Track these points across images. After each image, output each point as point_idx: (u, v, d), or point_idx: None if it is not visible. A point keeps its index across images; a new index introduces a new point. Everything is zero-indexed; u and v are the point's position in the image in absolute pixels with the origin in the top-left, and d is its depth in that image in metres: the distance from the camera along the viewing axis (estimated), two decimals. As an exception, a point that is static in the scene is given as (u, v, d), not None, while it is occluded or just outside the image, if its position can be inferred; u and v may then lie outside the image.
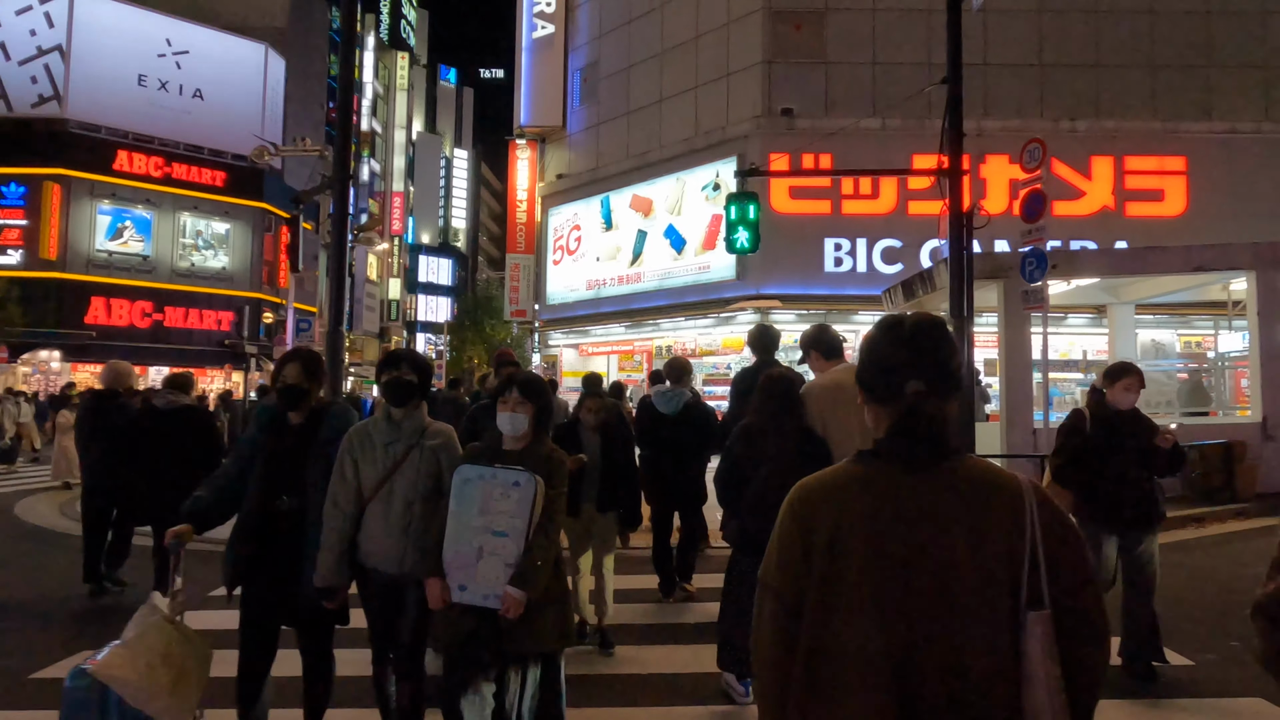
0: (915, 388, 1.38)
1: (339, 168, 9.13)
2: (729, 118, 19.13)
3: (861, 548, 1.34)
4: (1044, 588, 1.32)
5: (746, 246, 9.32)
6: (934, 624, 1.30)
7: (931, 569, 1.32)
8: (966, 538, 1.32)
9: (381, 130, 63.54)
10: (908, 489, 1.36)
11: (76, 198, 37.51)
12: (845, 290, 18.08)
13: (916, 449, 1.38)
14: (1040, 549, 1.32)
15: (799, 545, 1.40)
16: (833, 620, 1.35)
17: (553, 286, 23.71)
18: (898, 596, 1.32)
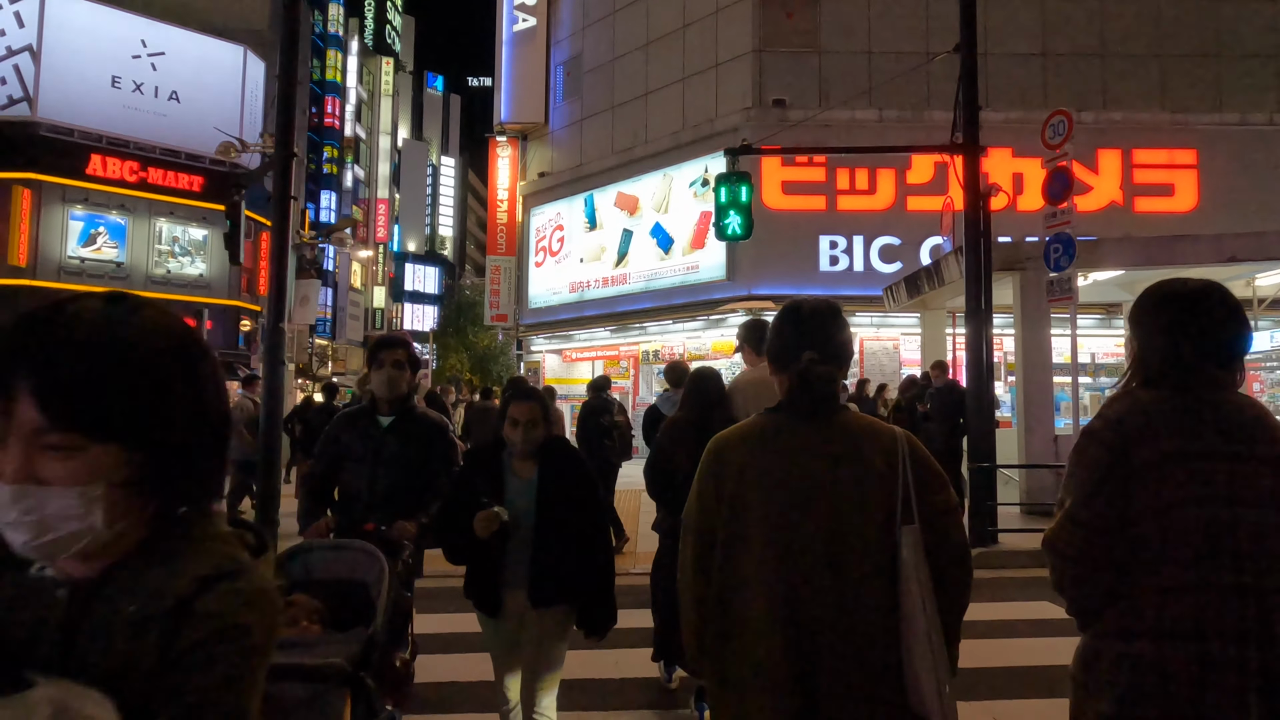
0: (809, 355, 1.72)
1: (280, 145, 8.11)
2: (718, 110, 18.22)
3: (762, 480, 1.67)
4: (914, 510, 1.63)
5: (739, 232, 8.36)
6: (821, 540, 1.61)
7: (820, 495, 1.64)
8: (850, 470, 1.65)
9: (365, 136, 62.53)
10: (802, 434, 1.69)
11: (48, 203, 36.30)
12: (842, 290, 17.11)
13: (810, 402, 1.71)
14: (911, 483, 1.64)
15: (713, 487, 1.72)
16: (738, 546, 1.67)
17: (534, 289, 22.69)
18: (792, 518, 1.63)
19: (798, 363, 1.72)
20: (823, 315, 1.79)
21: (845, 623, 1.59)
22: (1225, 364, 1.62)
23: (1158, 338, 1.65)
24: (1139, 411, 1.60)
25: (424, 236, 76.12)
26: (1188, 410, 1.58)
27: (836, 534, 1.61)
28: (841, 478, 1.64)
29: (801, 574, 1.61)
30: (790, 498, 1.64)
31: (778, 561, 1.62)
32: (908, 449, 1.66)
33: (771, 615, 1.61)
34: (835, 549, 1.61)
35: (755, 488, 1.67)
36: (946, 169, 17.47)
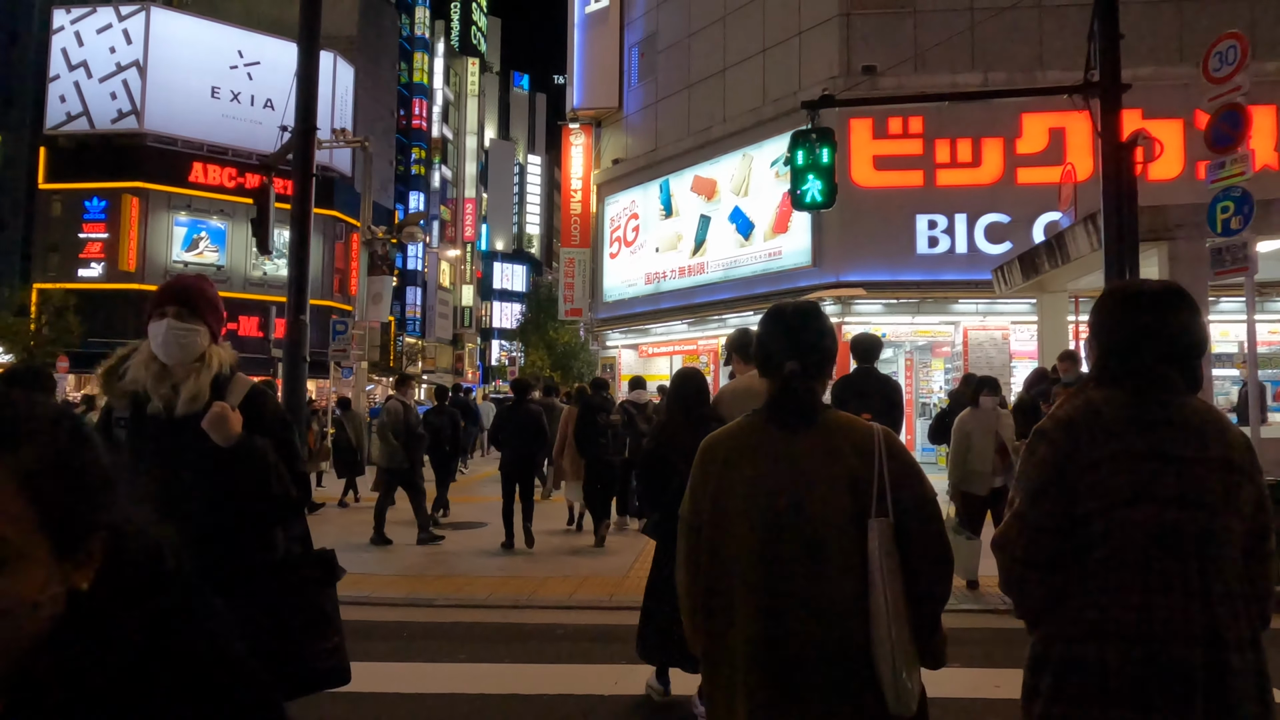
0: (791, 367, 1.76)
1: (300, 119, 7.34)
2: (802, 81, 16.75)
3: (742, 477, 1.74)
4: (888, 505, 1.65)
5: (819, 199, 7.07)
6: (796, 535, 1.67)
7: (796, 492, 1.69)
8: (825, 467, 1.69)
9: (453, 137, 63.35)
10: (782, 442, 1.75)
11: (154, 210, 37.96)
12: (941, 275, 15.44)
13: (789, 416, 1.77)
14: (886, 478, 1.66)
15: (701, 480, 1.82)
16: (719, 540, 1.75)
17: (609, 281, 21.75)
18: (768, 515, 1.69)
19: (781, 371, 1.77)
20: (804, 320, 1.84)
21: (820, 614, 1.64)
22: (1183, 367, 1.62)
23: (1118, 338, 1.65)
24: (1090, 411, 1.60)
25: (511, 235, 76.78)
26: (1140, 411, 1.58)
27: (811, 530, 1.66)
28: (817, 475, 1.69)
29: (777, 567, 1.66)
30: (768, 495, 1.70)
31: (755, 555, 1.68)
32: (884, 445, 1.70)
33: (750, 607, 1.68)
34: (810, 544, 1.66)
35: (737, 484, 1.74)
36: (1062, 136, 15.54)
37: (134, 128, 37.85)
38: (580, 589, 6.30)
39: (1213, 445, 1.54)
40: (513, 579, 6.68)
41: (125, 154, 37.48)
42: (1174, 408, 1.58)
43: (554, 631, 5.31)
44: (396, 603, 6.01)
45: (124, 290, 36.43)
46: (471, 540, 8.61)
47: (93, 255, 37.16)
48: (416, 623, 5.52)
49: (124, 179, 37.10)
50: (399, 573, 6.97)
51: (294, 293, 7.15)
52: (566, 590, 6.28)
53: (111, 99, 38.18)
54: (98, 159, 37.34)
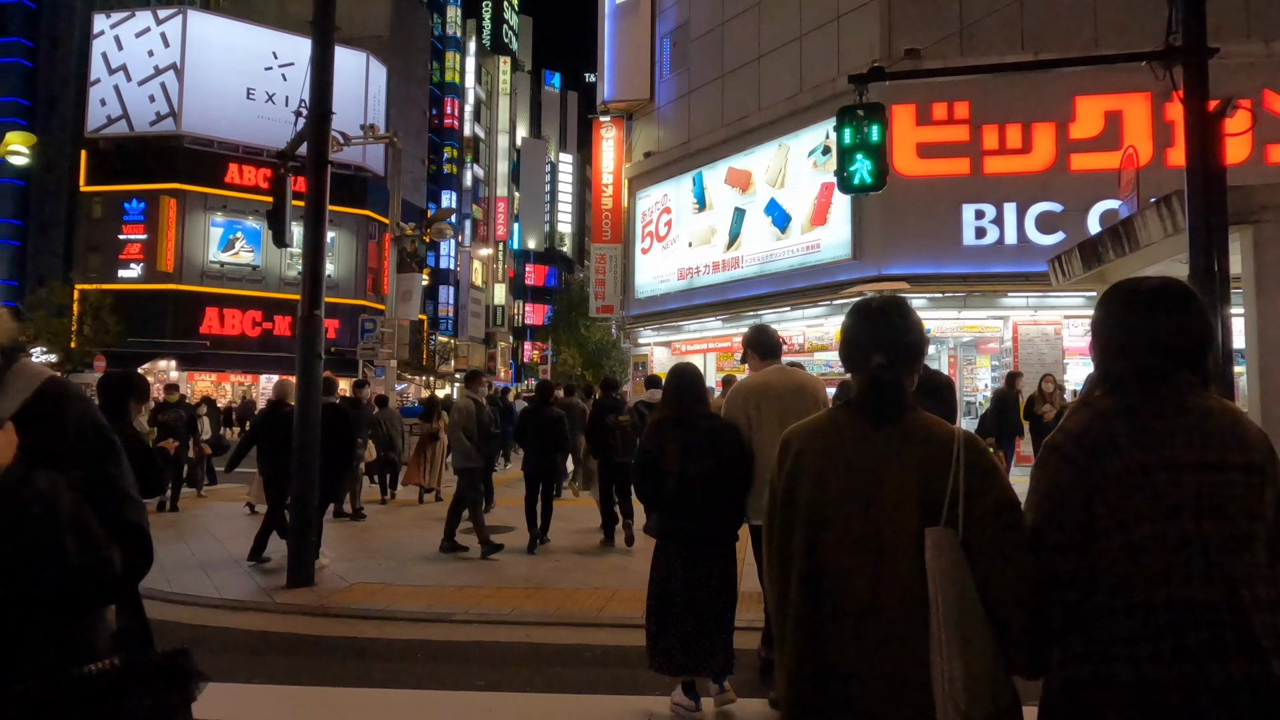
0: (877, 361, 1.71)
1: (316, 104, 6.96)
2: (840, 67, 16.08)
3: (816, 474, 1.69)
4: (958, 515, 1.57)
5: (868, 181, 6.52)
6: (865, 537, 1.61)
7: (868, 492, 1.63)
8: (897, 473, 1.62)
9: (485, 135, 63.38)
10: (863, 433, 1.68)
11: (191, 211, 38.36)
12: (990, 267, 14.70)
13: (875, 410, 1.70)
14: (963, 481, 1.58)
15: (781, 478, 1.77)
16: (791, 535, 1.71)
17: (641, 278, 21.26)
18: (838, 513, 1.64)
19: (866, 365, 1.73)
20: (891, 314, 1.79)
21: (882, 615, 1.58)
22: (1195, 366, 1.56)
23: (1121, 341, 1.59)
24: (1102, 423, 1.54)
25: (543, 233, 76.71)
26: (1155, 419, 1.51)
27: (881, 532, 1.61)
28: (888, 475, 1.63)
29: (844, 568, 1.62)
30: (833, 491, 1.67)
31: (824, 551, 1.65)
32: (964, 449, 1.62)
33: (814, 606, 1.64)
34: (879, 546, 1.60)
35: (809, 480, 1.71)
36: (1119, 119, 14.70)
37: (172, 130, 38.29)
38: (610, 603, 5.83)
39: (1231, 449, 1.48)
40: (538, 591, 6.23)
41: (163, 156, 37.93)
42: (1188, 412, 1.51)
43: (581, 654, 4.84)
44: (413, 617, 5.59)
45: (162, 291, 36.89)
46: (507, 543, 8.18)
47: (132, 256, 37.65)
48: (433, 642, 5.09)
49: (162, 180, 37.53)
50: (416, 582, 6.56)
51: (309, 285, 6.76)
52: (596, 604, 5.81)
53: (150, 101, 38.66)
54: (136, 161, 37.84)
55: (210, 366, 37.06)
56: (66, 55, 43.43)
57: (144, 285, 37.11)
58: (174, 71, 39.03)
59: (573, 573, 6.93)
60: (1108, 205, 14.11)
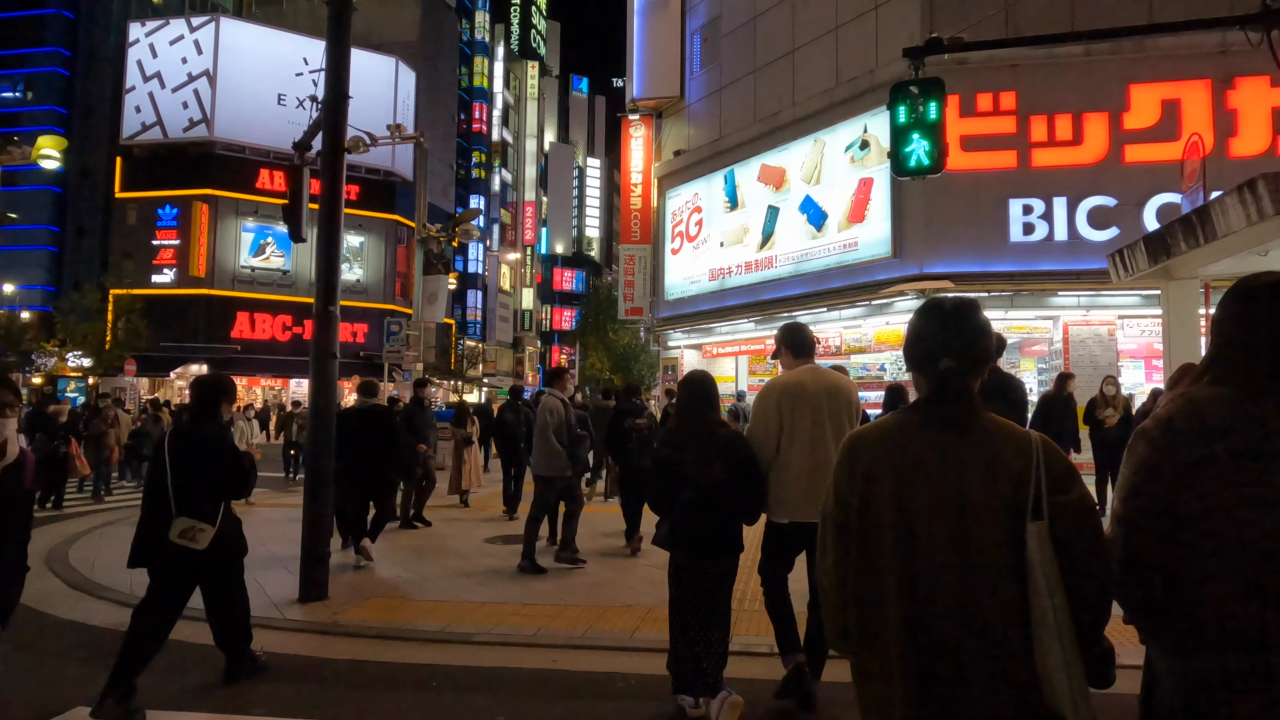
0: (947, 364, 1.69)
1: (332, 84, 6.57)
2: (879, 59, 15.52)
3: (893, 477, 1.67)
4: (1044, 509, 1.59)
5: (925, 162, 5.97)
6: (949, 538, 1.61)
7: (949, 495, 1.63)
8: (979, 475, 1.62)
9: (513, 140, 63.37)
10: (936, 436, 1.68)
11: (223, 216, 38.60)
12: (1038, 265, 14.01)
13: (946, 415, 1.69)
14: (1043, 484, 1.60)
15: (846, 480, 1.75)
16: (869, 539, 1.69)
17: (671, 278, 20.77)
18: (920, 516, 1.63)
19: (935, 368, 1.70)
20: (964, 316, 1.76)
21: (971, 619, 1.58)
22: None
23: (1237, 334, 1.57)
24: (1193, 410, 1.52)
25: (571, 238, 76.53)
26: (1248, 408, 1.48)
27: (964, 533, 1.60)
28: (971, 479, 1.62)
29: (928, 570, 1.61)
30: (919, 496, 1.64)
31: (905, 557, 1.63)
32: (1042, 450, 1.63)
33: (898, 607, 1.62)
34: (963, 548, 1.60)
35: (886, 484, 1.68)
36: (1177, 108, 13.92)
37: (204, 136, 38.57)
38: (644, 624, 5.33)
39: None
40: (567, 609, 5.75)
41: (195, 162, 38.23)
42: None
43: (614, 684, 4.35)
44: (430, 637, 5.14)
45: (194, 295, 37.16)
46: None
47: (165, 261, 37.95)
48: (450, 668, 4.62)
49: (194, 186, 37.83)
50: (436, 596, 6.12)
51: (322, 279, 6.38)
52: (629, 625, 5.32)
53: (183, 108, 39.00)
54: (170, 167, 38.17)
55: (241, 371, 37.23)
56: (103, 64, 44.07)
57: (177, 290, 37.39)
58: (206, 78, 39.34)
59: (603, 588, 6.45)
60: (1165, 199, 13.37)
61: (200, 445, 4.07)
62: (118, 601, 6.00)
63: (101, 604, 6.10)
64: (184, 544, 3.93)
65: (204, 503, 3.98)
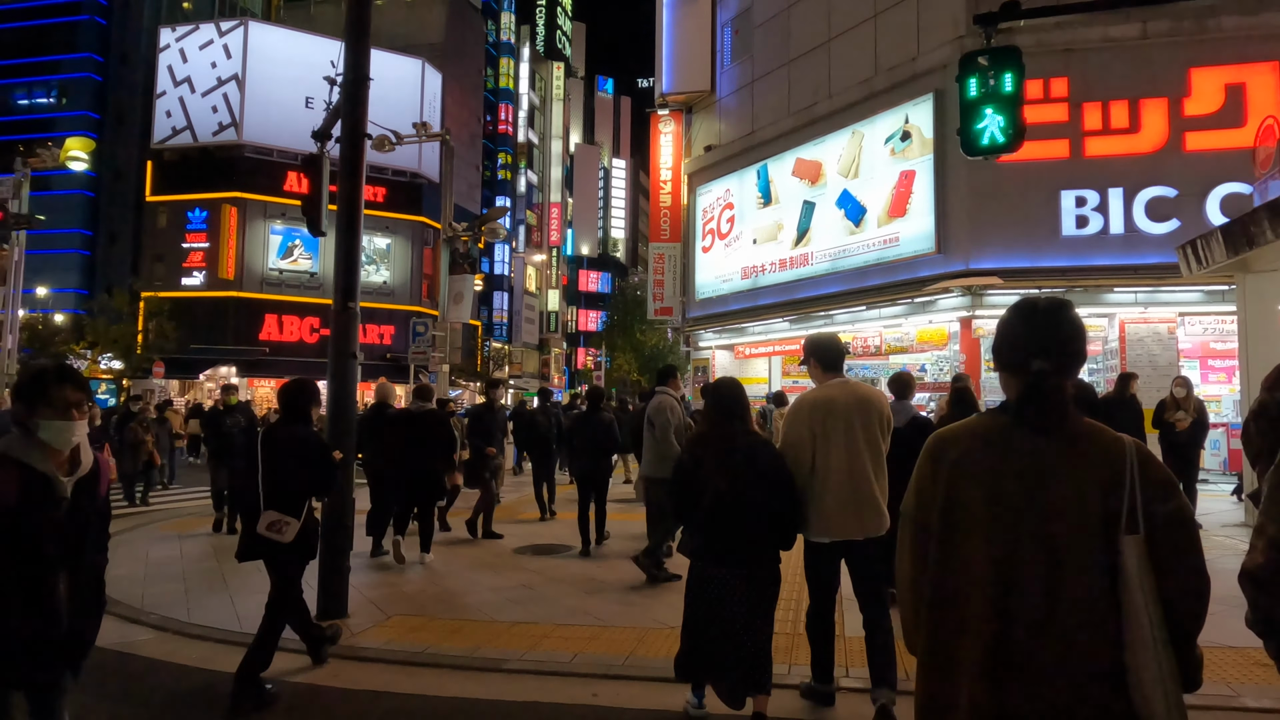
0: (1040, 365, 1.65)
1: (352, 67, 6.15)
2: (920, 45, 14.87)
3: (981, 479, 1.64)
4: (1140, 521, 1.55)
5: (1000, 140, 5.41)
6: (1038, 543, 1.57)
7: (1039, 499, 1.59)
8: (1070, 483, 1.59)
9: (538, 141, 63.18)
10: (1026, 439, 1.64)
11: (251, 219, 38.71)
12: (1092, 260, 13.29)
13: (1041, 415, 1.64)
14: (1139, 493, 1.56)
15: (930, 480, 1.72)
16: (954, 540, 1.65)
17: (702, 277, 20.22)
18: (1009, 520, 1.60)
19: (1027, 369, 1.67)
20: (1058, 317, 1.71)
21: (1059, 624, 1.55)
22: None
23: None
24: None
25: (596, 239, 76.24)
26: None
27: (1054, 538, 1.58)
28: (1065, 482, 1.59)
29: (1017, 575, 1.58)
30: (1009, 500, 1.61)
31: (993, 561, 1.60)
32: (1136, 457, 1.60)
33: (981, 608, 1.59)
34: (1051, 552, 1.57)
35: (974, 486, 1.65)
36: (1242, 93, 13.14)
37: (233, 139, 38.73)
38: (691, 650, 4.81)
39: None
40: (605, 631, 5.26)
41: (224, 165, 38.42)
42: None
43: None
44: (457, 663, 4.67)
45: (223, 298, 37.30)
46: (556, 568, 7.26)
47: (195, 264, 38.15)
48: (479, 702, 4.15)
49: (223, 189, 38.00)
50: (463, 614, 5.66)
51: (341, 274, 5.95)
52: (674, 650, 4.81)
53: (213, 112, 39.21)
54: (199, 171, 38.38)
55: (269, 372, 37.31)
56: (134, 69, 44.47)
57: (206, 293, 37.57)
58: (235, 82, 39.53)
59: (641, 605, 5.95)
60: (1230, 189, 12.62)
61: (291, 444, 4.34)
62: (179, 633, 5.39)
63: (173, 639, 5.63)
64: (271, 536, 4.15)
65: (291, 498, 4.22)
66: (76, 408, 2.38)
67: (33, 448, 2.31)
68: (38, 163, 20.75)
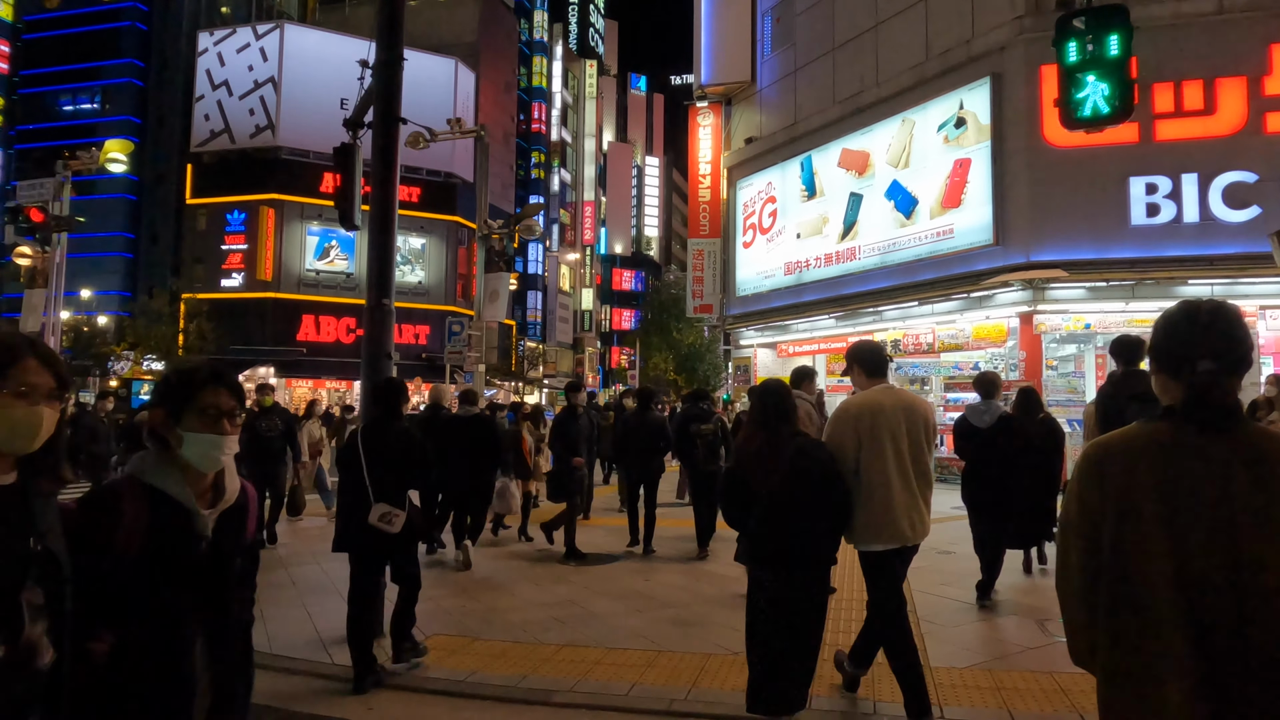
0: (1208, 365, 1.60)
1: (385, 47, 5.75)
2: (975, 27, 14.16)
3: (1155, 488, 1.58)
4: None
5: (1105, 109, 4.86)
6: (1221, 551, 1.53)
7: (1218, 507, 1.54)
8: (1250, 485, 1.54)
9: (571, 140, 62.94)
10: (1200, 449, 1.58)
11: (288, 220, 38.93)
12: (1164, 250, 12.49)
13: (1208, 416, 1.58)
14: None
15: (1096, 492, 1.65)
16: (1128, 551, 1.60)
17: (743, 273, 19.64)
18: (1188, 529, 1.55)
19: (1192, 371, 1.61)
20: (1227, 318, 1.68)
21: (1255, 626, 1.51)
22: None
23: None
24: None
25: (630, 238, 75.83)
26: None
27: (1238, 546, 1.53)
28: (1243, 492, 1.54)
29: (1200, 583, 1.54)
30: (1188, 508, 1.57)
31: (1175, 570, 1.57)
32: None
33: (1174, 618, 1.55)
34: (1237, 560, 1.53)
35: (1148, 496, 1.60)
36: (1329, 70, 12.28)
37: (270, 141, 38.99)
38: (761, 682, 4.31)
39: None
40: (661, 656, 4.79)
41: (261, 167, 38.69)
42: None
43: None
44: (501, 695, 4.22)
45: (261, 299, 37.55)
46: (601, 580, 6.80)
47: (233, 266, 38.48)
48: (527, 742, 3.70)
49: (260, 191, 38.27)
50: (506, 635, 5.22)
51: (375, 269, 5.55)
52: (739, 680, 4.31)
53: (250, 115, 39.52)
54: (237, 173, 38.70)
55: (307, 373, 37.53)
56: (174, 74, 45.03)
57: (244, 294, 37.87)
58: (272, 84, 39.80)
59: (697, 625, 5.46)
60: (1317, 171, 11.75)
61: (395, 440, 4.59)
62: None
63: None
64: (382, 527, 4.35)
65: (396, 491, 4.46)
66: (229, 418, 1.84)
67: (170, 470, 1.80)
68: (78, 165, 20.86)
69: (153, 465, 1.80)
